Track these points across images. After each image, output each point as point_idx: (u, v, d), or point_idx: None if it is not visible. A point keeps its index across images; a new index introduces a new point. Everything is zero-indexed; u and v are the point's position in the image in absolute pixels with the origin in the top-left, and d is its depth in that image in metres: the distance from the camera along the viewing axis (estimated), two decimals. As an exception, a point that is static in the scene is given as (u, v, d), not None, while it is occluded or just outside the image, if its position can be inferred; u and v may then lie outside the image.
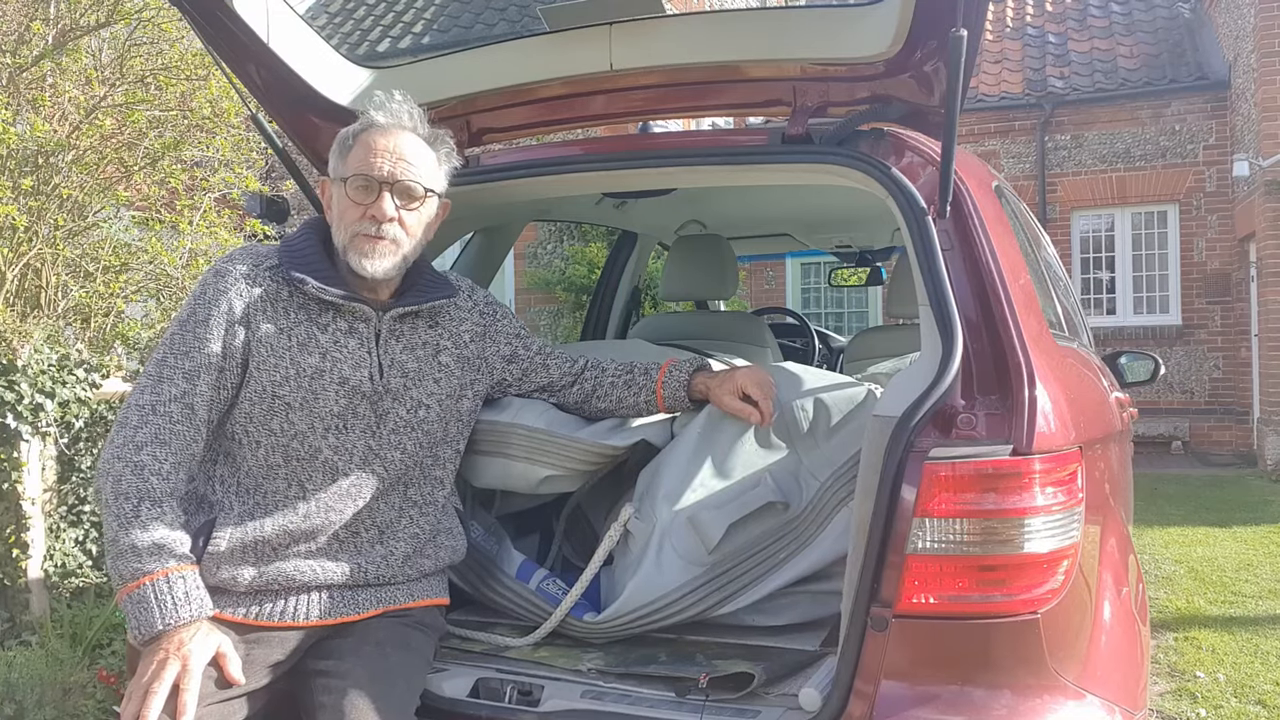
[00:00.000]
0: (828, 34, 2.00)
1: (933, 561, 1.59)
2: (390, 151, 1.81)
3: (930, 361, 1.69)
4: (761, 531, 1.98)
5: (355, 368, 1.82)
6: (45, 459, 4.18)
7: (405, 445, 1.87)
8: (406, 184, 1.82)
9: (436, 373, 1.92)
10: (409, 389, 1.87)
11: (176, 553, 1.65)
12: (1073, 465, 1.67)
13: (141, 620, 1.62)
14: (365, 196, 1.81)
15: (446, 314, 1.98)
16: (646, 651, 1.95)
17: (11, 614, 4.03)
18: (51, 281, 4.69)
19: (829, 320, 13.13)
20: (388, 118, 1.85)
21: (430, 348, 1.93)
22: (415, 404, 1.88)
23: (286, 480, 1.79)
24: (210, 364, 1.75)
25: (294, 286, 1.81)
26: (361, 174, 1.80)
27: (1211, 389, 11.42)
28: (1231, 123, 11.19)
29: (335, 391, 1.79)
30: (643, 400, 2.11)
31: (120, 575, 1.64)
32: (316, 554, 1.80)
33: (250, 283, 1.80)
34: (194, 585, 1.66)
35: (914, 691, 1.59)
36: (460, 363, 1.97)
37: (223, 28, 2.01)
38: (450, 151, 1.94)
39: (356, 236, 1.81)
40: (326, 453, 1.80)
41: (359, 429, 1.82)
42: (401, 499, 1.89)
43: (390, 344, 1.87)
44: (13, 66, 4.66)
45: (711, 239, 3.50)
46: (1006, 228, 2.02)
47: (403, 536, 1.88)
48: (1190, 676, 3.96)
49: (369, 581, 1.85)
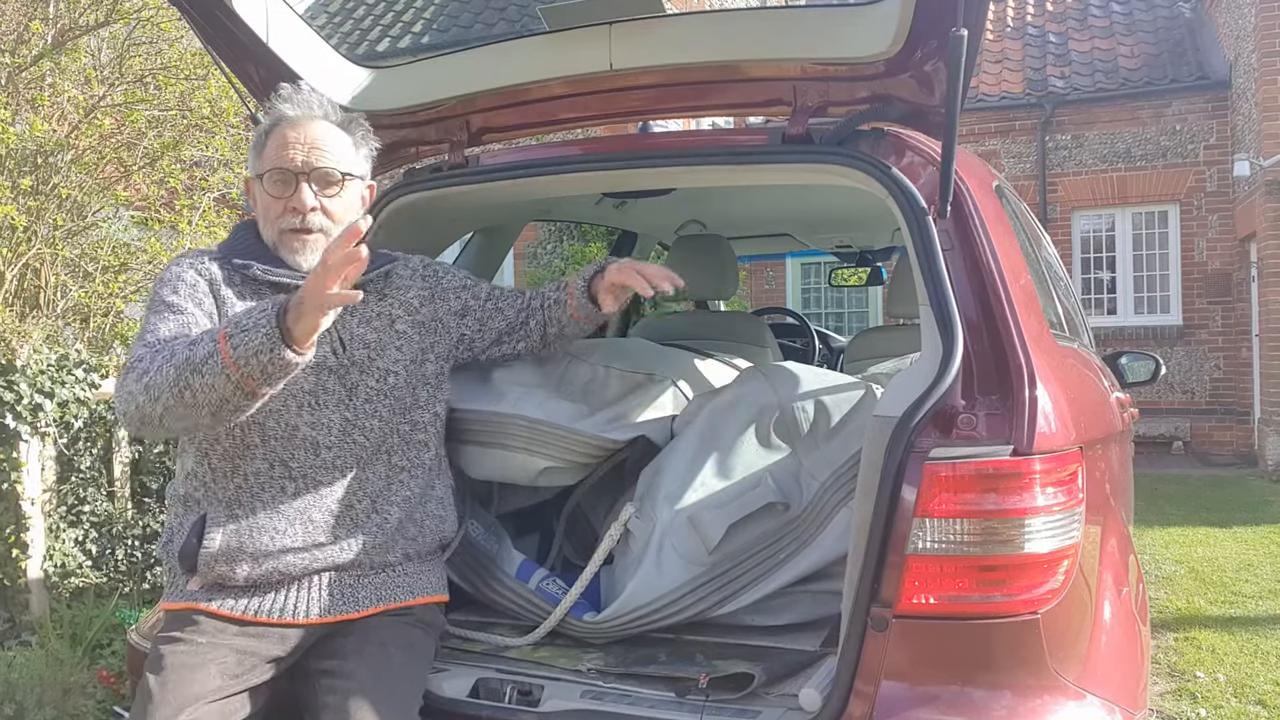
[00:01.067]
0: (828, 34, 1.99)
1: (933, 562, 1.59)
2: (302, 142, 1.81)
3: (931, 362, 1.69)
4: (762, 532, 1.98)
5: (318, 344, 1.78)
6: (44, 459, 4.18)
7: (380, 413, 1.88)
8: (323, 170, 1.82)
9: (396, 340, 1.93)
10: (373, 359, 1.88)
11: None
12: (1073, 465, 1.67)
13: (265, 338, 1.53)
14: (283, 190, 1.81)
15: (391, 284, 1.98)
16: (646, 651, 1.95)
17: (11, 614, 4.02)
18: (50, 281, 4.69)
19: (829, 320, 13.12)
20: (296, 109, 1.85)
21: (385, 318, 1.93)
22: (383, 373, 1.88)
23: (267, 460, 1.78)
24: (196, 322, 1.75)
25: (241, 273, 1.83)
26: (277, 167, 1.81)
27: (1212, 389, 11.41)
28: (1232, 122, 11.18)
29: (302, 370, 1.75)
30: (567, 318, 2.08)
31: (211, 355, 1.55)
32: (314, 532, 1.79)
33: (202, 269, 1.82)
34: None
35: (914, 692, 1.59)
36: (416, 328, 1.97)
37: (222, 27, 2.02)
38: (367, 134, 1.93)
39: (284, 233, 1.83)
40: (304, 429, 1.80)
41: (332, 404, 1.82)
42: (387, 466, 1.89)
43: (345, 319, 1.88)
44: (12, 66, 4.66)
45: (711, 239, 3.50)
46: (1007, 228, 2.02)
47: (395, 501, 1.88)
48: (1190, 677, 3.96)
49: (366, 559, 1.84)
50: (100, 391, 4.27)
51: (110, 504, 4.48)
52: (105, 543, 4.37)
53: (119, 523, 4.44)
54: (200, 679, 1.66)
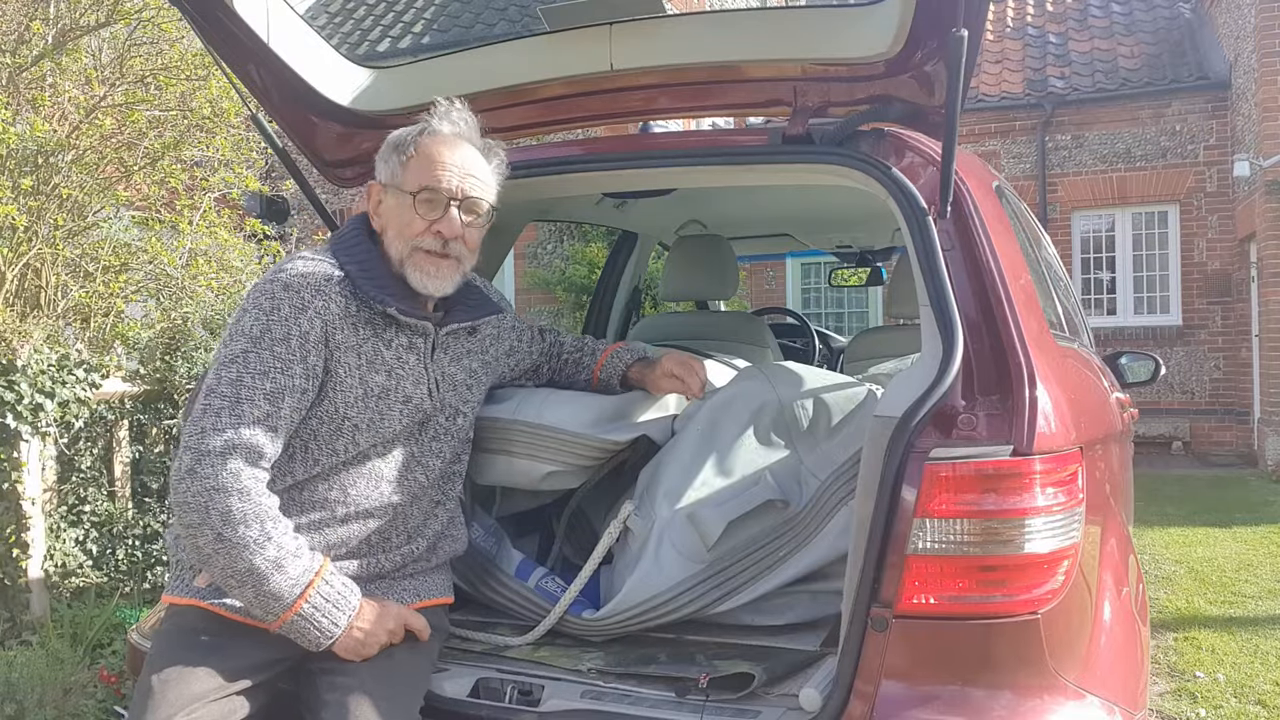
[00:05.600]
0: (828, 34, 1.99)
1: (933, 562, 1.59)
2: (458, 166, 1.78)
3: (931, 362, 1.69)
4: (761, 530, 1.99)
5: (415, 384, 1.80)
6: (45, 459, 4.18)
7: (444, 452, 1.88)
8: (475, 200, 1.79)
9: (471, 380, 1.93)
10: (454, 401, 1.88)
11: (311, 557, 1.66)
12: (1073, 466, 1.67)
13: (320, 627, 1.65)
14: (432, 211, 1.76)
15: (480, 326, 1.98)
16: (646, 651, 1.95)
17: (12, 614, 4.02)
18: (51, 281, 4.69)
19: (829, 320, 13.12)
20: (451, 127, 1.80)
21: (471, 357, 1.94)
22: (454, 411, 1.88)
23: (328, 482, 1.76)
24: (294, 386, 1.66)
25: (364, 302, 1.74)
26: (430, 188, 1.76)
27: (1212, 389, 11.40)
28: (1232, 123, 11.18)
29: (400, 410, 1.77)
30: (582, 379, 2.20)
31: (277, 598, 1.61)
32: (344, 555, 1.78)
33: (325, 299, 1.70)
34: (339, 577, 1.70)
35: (914, 692, 1.59)
36: (484, 367, 1.99)
37: (223, 28, 2.01)
38: (501, 163, 1.90)
39: (417, 252, 1.77)
40: (374, 460, 1.78)
41: (404, 437, 1.82)
42: (430, 502, 1.89)
43: (440, 357, 1.86)
44: (13, 66, 4.66)
45: (712, 239, 3.50)
46: (1007, 228, 2.02)
47: (426, 534, 1.89)
48: (1190, 677, 3.96)
49: (383, 575, 1.84)
50: (100, 392, 4.27)
51: (111, 504, 4.48)
52: (106, 542, 4.37)
53: (120, 522, 4.44)
54: (200, 678, 1.65)
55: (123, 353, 4.78)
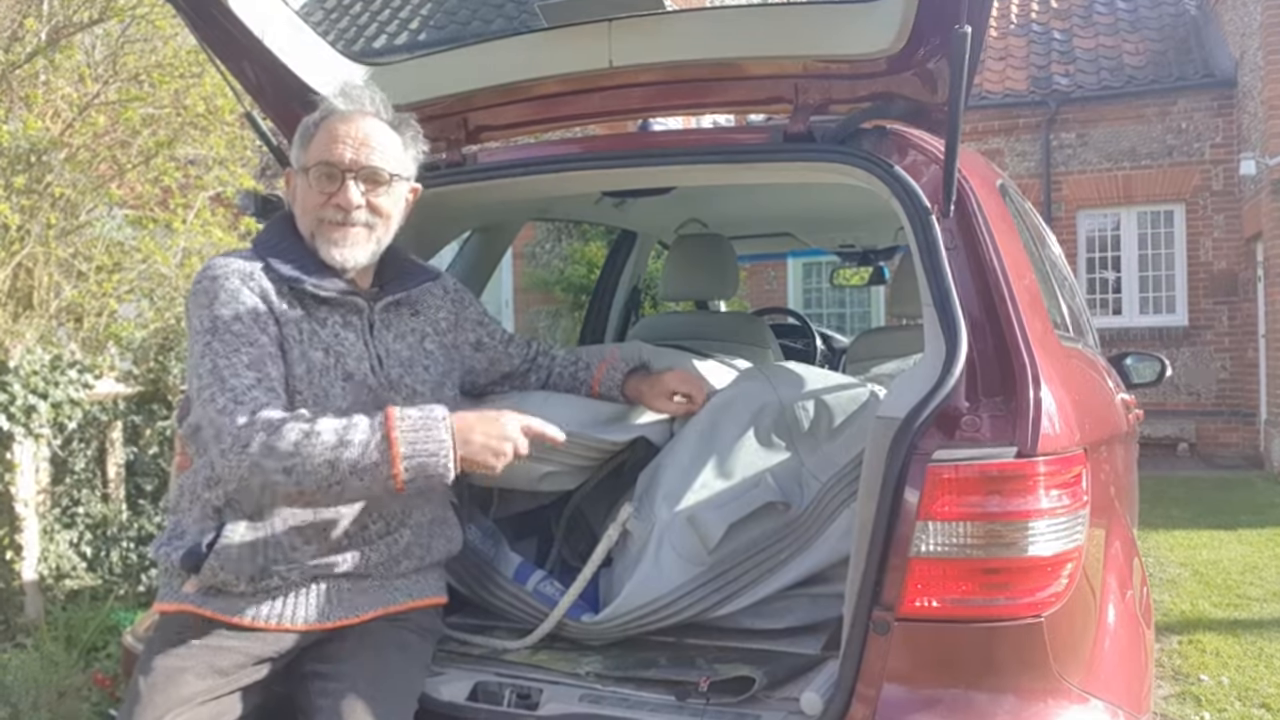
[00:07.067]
0: (830, 31, 1.98)
1: (936, 564, 1.59)
2: (353, 138, 1.78)
3: (934, 362, 1.67)
4: (762, 532, 1.98)
5: (358, 362, 1.79)
6: (38, 460, 4.17)
7: None
8: (372, 168, 1.79)
9: (424, 359, 1.91)
10: (403, 377, 1.85)
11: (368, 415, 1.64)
12: (1077, 468, 1.66)
13: (430, 452, 1.61)
14: (329, 185, 1.77)
15: (426, 301, 1.97)
16: (646, 655, 1.94)
17: (5, 616, 4.01)
18: (44, 281, 4.66)
19: (831, 321, 13.10)
20: (348, 103, 1.81)
21: (417, 335, 1.92)
22: (410, 392, 1.85)
23: None
24: (268, 353, 1.69)
25: (290, 285, 1.77)
26: (324, 162, 1.77)
27: (1218, 390, 11.36)
28: (1238, 121, 11.14)
29: (342, 388, 1.76)
30: (581, 395, 2.16)
31: (375, 465, 1.58)
32: (325, 549, 1.77)
33: (254, 281, 1.75)
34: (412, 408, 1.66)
35: (917, 695, 1.58)
36: (441, 349, 1.96)
37: (217, 24, 2.00)
38: (416, 135, 1.89)
39: (322, 223, 1.78)
40: None
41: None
42: None
43: (383, 334, 1.85)
44: (5, 64, 4.64)
45: (712, 238, 3.48)
46: (1011, 227, 2.01)
47: (408, 524, 1.86)
48: (1194, 680, 3.94)
49: (370, 573, 1.82)
50: (93, 393, 4.25)
51: (105, 506, 4.47)
52: (100, 544, 4.36)
53: (114, 524, 4.43)
54: (188, 681, 1.64)
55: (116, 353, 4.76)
